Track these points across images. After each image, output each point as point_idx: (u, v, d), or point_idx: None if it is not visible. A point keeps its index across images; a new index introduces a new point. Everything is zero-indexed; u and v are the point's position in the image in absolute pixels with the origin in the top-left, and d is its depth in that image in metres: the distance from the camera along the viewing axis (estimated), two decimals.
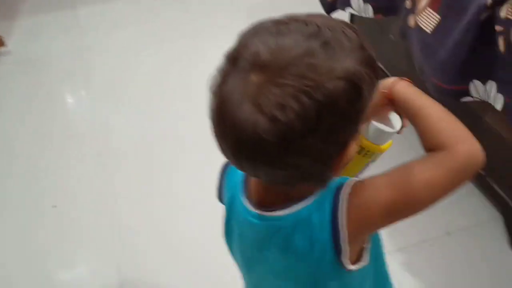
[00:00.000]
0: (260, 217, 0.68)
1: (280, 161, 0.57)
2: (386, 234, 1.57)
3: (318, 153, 0.57)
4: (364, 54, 0.58)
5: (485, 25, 1.24)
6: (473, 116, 1.54)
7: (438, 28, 1.38)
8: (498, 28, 1.20)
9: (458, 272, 1.52)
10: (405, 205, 0.64)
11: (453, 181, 0.65)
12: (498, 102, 1.34)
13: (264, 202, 0.68)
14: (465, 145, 0.66)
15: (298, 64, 0.54)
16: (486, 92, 1.38)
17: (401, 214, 0.65)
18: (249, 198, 0.70)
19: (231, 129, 0.56)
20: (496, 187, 1.51)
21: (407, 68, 1.65)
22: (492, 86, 1.35)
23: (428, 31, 1.42)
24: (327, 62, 0.55)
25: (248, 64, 0.55)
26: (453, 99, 1.44)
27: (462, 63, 1.32)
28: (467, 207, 1.66)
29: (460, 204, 1.67)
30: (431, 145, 0.67)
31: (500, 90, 1.32)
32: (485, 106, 1.41)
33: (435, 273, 1.53)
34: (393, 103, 0.74)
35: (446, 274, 1.52)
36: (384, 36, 1.88)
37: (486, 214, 1.63)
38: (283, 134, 0.53)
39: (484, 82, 1.37)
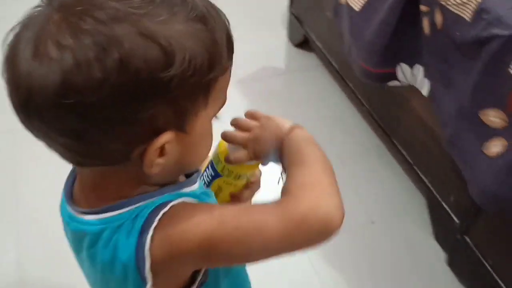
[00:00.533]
0: (70, 217, 0.59)
1: (56, 120, 0.48)
2: None
3: (104, 122, 0.48)
4: (199, 30, 0.50)
5: (411, 5, 1.16)
6: (399, 101, 1.48)
7: (366, 6, 1.31)
8: (423, 8, 1.13)
9: (380, 262, 1.47)
10: (226, 245, 0.52)
11: (290, 232, 0.52)
12: (424, 87, 1.28)
13: (82, 199, 0.59)
14: (315, 194, 0.54)
15: (105, 7, 0.47)
16: (414, 76, 1.31)
17: (225, 257, 0.54)
18: (71, 192, 0.61)
19: (11, 69, 0.49)
20: (421, 175, 1.46)
21: (342, 49, 1.57)
22: (419, 70, 1.28)
23: (356, 9, 1.34)
24: (139, 15, 0.47)
25: (58, 2, 0.49)
26: (379, 83, 1.37)
27: (387, 44, 1.25)
28: (394, 195, 1.61)
29: (386, 191, 1.62)
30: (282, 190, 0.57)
31: (426, 74, 1.25)
32: (412, 90, 1.35)
33: (357, 263, 1.47)
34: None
35: (368, 264, 1.47)
36: (323, 14, 1.80)
37: (412, 203, 1.59)
38: (58, 85, 0.46)
39: (411, 65, 1.30)
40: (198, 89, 0.51)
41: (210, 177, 0.73)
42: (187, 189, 0.60)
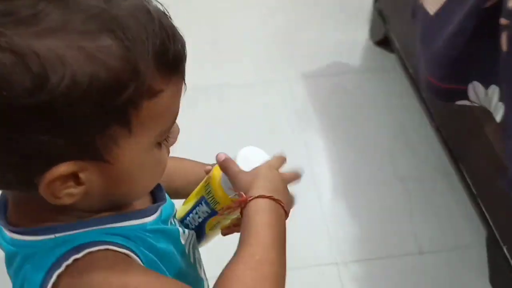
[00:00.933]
0: None
1: None
2: (349, 241, 1.38)
3: None
4: (101, 44, 0.41)
5: (490, 16, 0.99)
6: (471, 124, 1.30)
7: (441, 11, 1.13)
8: (503, 21, 0.95)
9: None
10: None
11: None
12: (498, 113, 1.10)
13: (11, 212, 0.52)
14: None
15: None
16: (488, 97, 1.13)
17: None
18: (6, 203, 0.54)
19: None
20: (484, 209, 1.28)
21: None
22: (494, 91, 1.10)
23: (431, 12, 1.17)
24: (10, 23, 0.39)
25: None
26: (445, 100, 1.20)
27: (458, 58, 1.08)
28: (451, 225, 1.43)
29: (443, 219, 1.44)
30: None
31: (501, 97, 1.07)
32: (487, 114, 1.16)
33: None
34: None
35: None
36: (405, 13, 1.62)
37: (471, 237, 1.40)
38: None
39: (486, 85, 1.12)
40: (101, 115, 0.42)
41: (206, 214, 0.65)
42: (134, 222, 0.53)
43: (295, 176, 0.63)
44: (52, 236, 0.48)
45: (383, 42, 1.95)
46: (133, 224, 0.53)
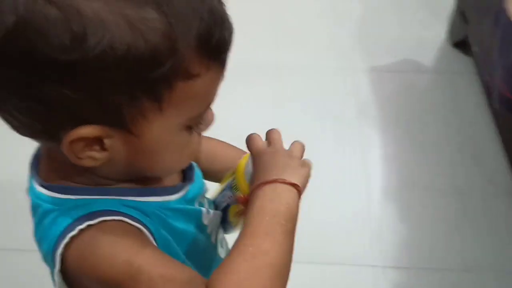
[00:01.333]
0: (30, 181, 0.53)
1: None
2: (391, 245, 1.33)
3: (12, 88, 0.43)
4: (142, 16, 0.41)
5: None
6: None
7: None
8: None
9: None
10: None
11: None
12: None
13: (40, 167, 0.53)
14: None
15: None
16: None
17: None
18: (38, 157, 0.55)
19: None
20: None
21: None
22: None
23: None
24: None
25: None
26: None
27: None
28: (502, 249, 1.34)
29: (495, 242, 1.36)
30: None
31: None
32: None
33: None
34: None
35: None
36: (488, 17, 1.53)
37: None
38: None
39: None
40: (132, 86, 0.42)
41: (229, 200, 0.64)
42: (155, 198, 0.52)
43: (301, 145, 0.59)
44: (73, 196, 0.49)
45: (461, 44, 1.85)
46: (154, 201, 0.52)
